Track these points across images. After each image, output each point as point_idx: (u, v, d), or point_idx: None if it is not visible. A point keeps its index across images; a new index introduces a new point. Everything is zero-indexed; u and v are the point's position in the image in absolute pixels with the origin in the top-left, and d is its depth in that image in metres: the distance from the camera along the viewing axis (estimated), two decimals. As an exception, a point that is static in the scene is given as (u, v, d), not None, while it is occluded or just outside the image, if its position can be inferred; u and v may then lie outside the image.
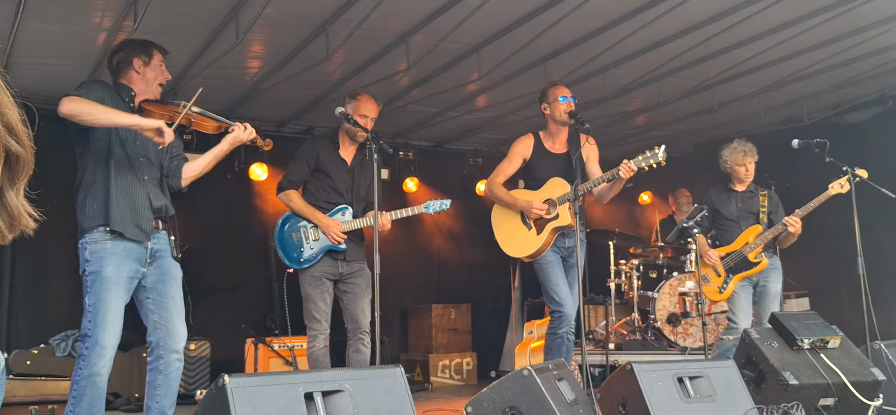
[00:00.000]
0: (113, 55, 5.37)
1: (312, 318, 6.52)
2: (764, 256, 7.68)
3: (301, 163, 6.76)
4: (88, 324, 4.86)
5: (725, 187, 8.03)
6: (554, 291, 6.70)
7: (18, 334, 9.13)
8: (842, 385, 6.01)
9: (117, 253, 4.96)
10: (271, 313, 10.40)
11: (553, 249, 6.74)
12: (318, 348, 6.49)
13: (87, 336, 4.85)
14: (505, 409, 5.08)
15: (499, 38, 7.84)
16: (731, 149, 7.91)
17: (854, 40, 8.09)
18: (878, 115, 10.10)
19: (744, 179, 7.89)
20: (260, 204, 10.84)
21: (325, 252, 6.59)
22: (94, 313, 4.86)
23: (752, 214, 7.85)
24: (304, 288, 6.60)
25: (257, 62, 8.35)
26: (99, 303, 4.87)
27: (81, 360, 4.85)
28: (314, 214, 6.61)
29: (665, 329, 9.86)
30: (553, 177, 6.77)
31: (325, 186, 6.73)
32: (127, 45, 5.41)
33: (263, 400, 3.91)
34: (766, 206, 7.87)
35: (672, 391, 5.41)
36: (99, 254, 4.93)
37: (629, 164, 6.38)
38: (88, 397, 4.83)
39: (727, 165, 7.93)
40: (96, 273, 4.90)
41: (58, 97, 4.92)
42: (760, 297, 7.73)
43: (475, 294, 12.13)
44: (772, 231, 7.66)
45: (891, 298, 9.43)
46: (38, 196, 2.04)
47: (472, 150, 12.33)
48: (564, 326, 6.66)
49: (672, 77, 9.08)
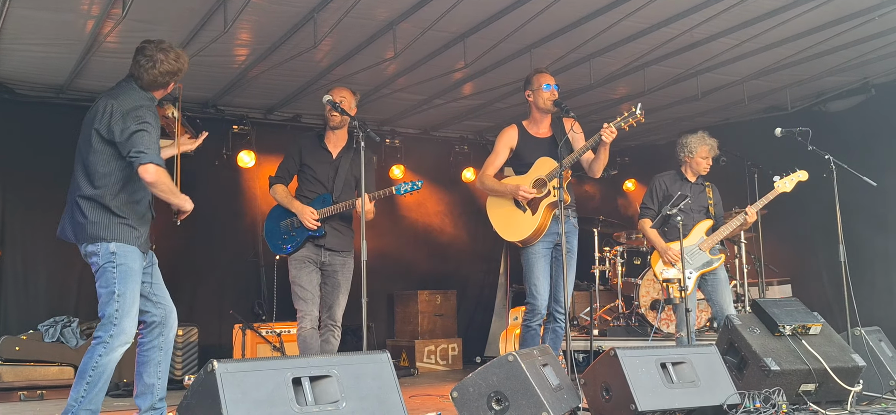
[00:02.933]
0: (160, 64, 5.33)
1: (299, 299, 6.69)
2: (719, 251, 7.66)
3: (287, 159, 7.02)
4: (115, 312, 5.04)
5: (679, 175, 7.89)
6: (534, 283, 6.74)
7: (7, 319, 9.14)
8: (823, 371, 6.07)
9: (138, 247, 5.21)
10: (259, 299, 10.43)
11: (546, 241, 6.75)
12: (307, 329, 6.61)
13: (113, 324, 5.03)
14: (490, 394, 5.13)
15: (485, 26, 7.88)
16: (698, 139, 7.80)
17: (837, 29, 8.15)
18: (860, 103, 10.16)
19: (701, 172, 7.81)
20: (247, 191, 10.84)
21: (306, 238, 6.74)
22: (122, 303, 5.06)
23: (703, 208, 7.78)
24: (291, 271, 6.78)
25: (245, 50, 8.36)
26: (127, 293, 5.10)
27: (102, 347, 5.01)
28: (292, 203, 6.81)
29: (649, 315, 9.93)
30: (540, 158, 6.81)
31: (308, 178, 6.91)
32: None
33: (252, 385, 3.96)
34: (713, 199, 7.82)
35: (655, 377, 5.47)
36: (125, 248, 5.13)
37: (610, 126, 6.45)
38: (101, 382, 5.01)
39: (691, 153, 7.78)
40: (125, 266, 5.11)
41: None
42: (714, 286, 7.59)
43: (461, 281, 12.18)
44: (727, 227, 7.60)
45: (871, 285, 9.52)
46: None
47: (458, 137, 12.37)
48: (537, 318, 6.72)
49: (657, 65, 9.13)
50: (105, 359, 4.99)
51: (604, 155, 6.71)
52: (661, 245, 7.65)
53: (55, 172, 9.48)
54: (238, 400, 3.86)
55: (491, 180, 6.96)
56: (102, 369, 4.99)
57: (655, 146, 12.77)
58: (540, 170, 6.74)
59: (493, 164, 6.98)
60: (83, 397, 4.97)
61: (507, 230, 6.86)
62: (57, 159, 9.51)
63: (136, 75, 5.23)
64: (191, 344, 9.29)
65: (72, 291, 9.58)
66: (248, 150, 10.65)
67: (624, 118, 6.52)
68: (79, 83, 9.09)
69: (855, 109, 10.21)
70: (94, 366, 4.97)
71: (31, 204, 9.39)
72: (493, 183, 6.94)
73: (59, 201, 5.35)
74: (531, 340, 6.72)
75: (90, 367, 4.98)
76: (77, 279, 9.53)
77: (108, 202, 5.12)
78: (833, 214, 7.28)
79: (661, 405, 5.37)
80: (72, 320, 8.95)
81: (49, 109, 9.51)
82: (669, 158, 8.02)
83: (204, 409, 3.90)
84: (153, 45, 5.24)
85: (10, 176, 9.33)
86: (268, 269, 10.63)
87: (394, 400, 4.40)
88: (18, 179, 9.37)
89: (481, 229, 11.76)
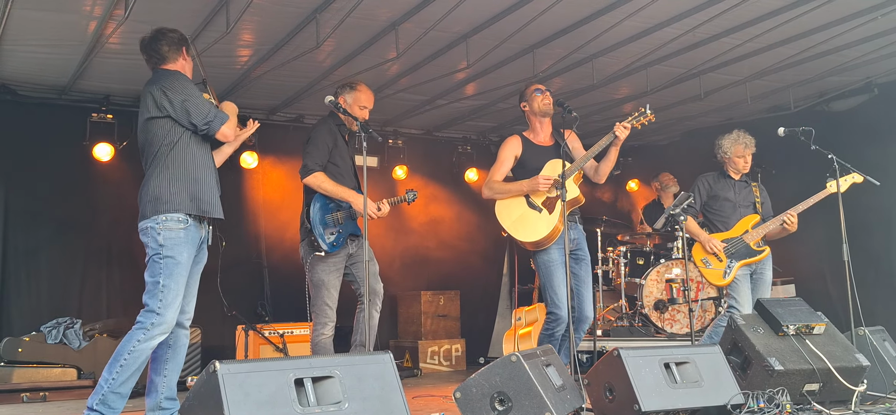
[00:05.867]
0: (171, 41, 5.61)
1: (325, 305, 6.59)
2: (765, 245, 7.70)
3: (322, 146, 6.72)
4: (159, 303, 5.16)
5: (722, 174, 7.94)
6: (555, 292, 6.68)
7: (10, 321, 9.14)
8: (827, 371, 6.07)
9: (189, 241, 5.31)
10: (262, 300, 10.43)
11: (560, 246, 6.71)
12: (327, 336, 6.58)
13: (155, 313, 5.15)
14: (493, 394, 5.13)
15: (487, 26, 7.87)
16: (732, 139, 7.82)
17: (840, 29, 8.13)
18: (863, 103, 10.14)
19: (741, 170, 7.86)
20: (250, 191, 10.83)
21: (347, 235, 6.71)
22: (166, 294, 5.18)
23: (750, 204, 7.84)
24: (320, 275, 6.61)
25: (247, 50, 8.36)
26: (171, 284, 5.21)
27: (141, 332, 5.13)
28: (348, 193, 6.67)
29: (652, 315, 9.92)
30: (549, 160, 6.81)
31: (334, 173, 6.75)
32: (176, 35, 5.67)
33: (254, 386, 3.95)
34: (759, 197, 7.87)
35: (659, 377, 5.47)
36: (174, 240, 5.24)
37: (622, 124, 6.51)
38: (135, 367, 5.13)
39: (726, 154, 7.84)
40: (172, 258, 5.22)
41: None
42: (756, 284, 7.70)
43: (464, 281, 12.16)
44: (772, 222, 7.63)
45: (875, 284, 9.50)
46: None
47: (460, 137, 12.35)
48: (560, 327, 6.67)
49: (659, 65, 9.12)
50: (144, 346, 5.17)
51: (614, 156, 6.74)
52: (703, 236, 7.71)
53: (57, 172, 9.55)
54: (240, 401, 3.85)
55: (500, 184, 6.91)
56: (139, 354, 5.14)
57: (658, 146, 12.77)
58: (551, 171, 6.72)
59: (499, 171, 6.94)
60: (114, 379, 5.08)
61: (523, 231, 6.77)
62: (59, 160, 9.58)
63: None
64: (193, 345, 9.28)
65: (74, 292, 9.58)
66: (250, 150, 10.63)
67: (635, 117, 6.62)
68: (81, 84, 9.09)
69: (858, 108, 10.19)
70: (131, 350, 5.12)
71: (34, 205, 9.39)
72: (503, 185, 6.90)
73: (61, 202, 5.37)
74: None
75: (126, 351, 5.12)
76: (80, 281, 9.54)
77: (164, 182, 5.34)
78: (836, 213, 7.27)
79: (665, 406, 5.36)
80: (75, 321, 8.95)
81: (51, 110, 9.51)
82: (672, 159, 8.02)
83: (206, 410, 3.90)
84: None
85: (13, 177, 9.33)
86: (271, 270, 10.65)
87: (397, 401, 4.39)
88: (21, 180, 9.37)
89: (484, 230, 11.76)
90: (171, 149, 5.29)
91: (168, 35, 5.56)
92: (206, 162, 5.46)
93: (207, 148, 5.54)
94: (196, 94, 5.41)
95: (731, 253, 7.57)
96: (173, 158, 5.29)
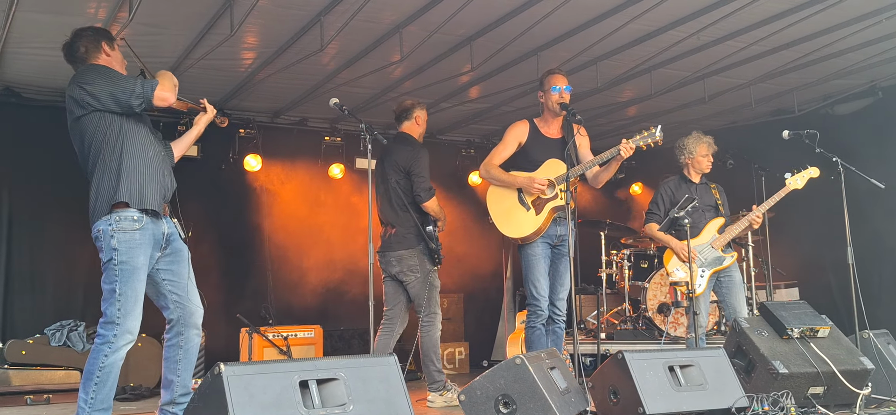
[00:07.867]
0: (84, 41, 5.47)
1: (439, 307, 7.70)
2: (732, 250, 7.64)
3: None
4: (117, 312, 4.96)
5: (683, 178, 7.88)
6: (534, 284, 6.74)
7: (14, 323, 9.15)
8: (831, 374, 6.06)
9: (144, 242, 5.05)
10: (266, 303, 10.42)
11: (544, 240, 6.75)
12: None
13: (115, 324, 4.96)
14: (497, 397, 5.12)
15: (491, 29, 7.88)
16: (694, 139, 7.79)
17: (844, 32, 8.13)
18: (867, 106, 10.14)
19: (704, 170, 7.81)
20: (254, 194, 10.83)
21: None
22: (124, 302, 4.97)
23: (712, 207, 7.77)
24: (435, 282, 7.60)
25: (251, 54, 8.36)
26: (129, 291, 4.99)
27: (107, 347, 4.95)
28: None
29: (656, 319, 9.90)
30: (550, 159, 6.80)
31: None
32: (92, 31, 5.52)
33: (259, 388, 3.94)
34: (719, 198, 7.81)
35: (663, 380, 5.46)
36: (129, 243, 5.00)
37: (628, 142, 6.50)
38: (110, 382, 4.95)
39: (691, 154, 7.78)
40: (126, 263, 4.99)
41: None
42: (729, 288, 7.58)
43: (467, 284, 12.15)
44: (738, 225, 7.59)
45: (880, 287, 9.49)
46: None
47: (464, 140, 12.36)
48: (540, 318, 6.71)
49: (663, 68, 9.12)
50: (111, 359, 4.96)
51: (613, 170, 6.74)
52: (675, 244, 7.61)
53: (61, 175, 9.53)
54: (245, 403, 3.84)
55: (497, 170, 6.91)
56: (109, 369, 4.96)
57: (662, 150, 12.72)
58: (549, 171, 6.72)
59: (500, 154, 6.93)
60: (92, 399, 4.91)
61: (507, 225, 6.82)
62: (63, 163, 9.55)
63: None
64: (198, 347, 9.28)
65: (78, 295, 9.58)
66: (254, 153, 10.64)
67: (643, 137, 6.56)
68: (85, 87, 9.07)
69: (862, 111, 10.18)
70: (100, 367, 4.94)
71: (38, 208, 9.40)
72: (500, 173, 6.90)
73: (65, 205, 5.33)
74: (537, 341, 6.71)
75: (95, 368, 4.94)
76: (83, 283, 9.54)
77: (106, 180, 5.12)
78: (841, 216, 7.27)
79: (669, 408, 5.35)
80: (78, 323, 8.96)
81: (55, 113, 9.48)
82: (676, 162, 7.97)
83: (211, 412, 3.88)
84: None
85: (17, 180, 9.33)
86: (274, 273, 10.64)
87: (401, 403, 4.38)
88: (25, 183, 9.37)
89: (487, 233, 11.74)
90: (109, 144, 5.06)
91: (84, 33, 5.41)
92: (150, 152, 5.18)
93: (151, 138, 5.27)
94: (116, 75, 5.17)
95: (703, 262, 7.52)
96: (113, 154, 5.03)
